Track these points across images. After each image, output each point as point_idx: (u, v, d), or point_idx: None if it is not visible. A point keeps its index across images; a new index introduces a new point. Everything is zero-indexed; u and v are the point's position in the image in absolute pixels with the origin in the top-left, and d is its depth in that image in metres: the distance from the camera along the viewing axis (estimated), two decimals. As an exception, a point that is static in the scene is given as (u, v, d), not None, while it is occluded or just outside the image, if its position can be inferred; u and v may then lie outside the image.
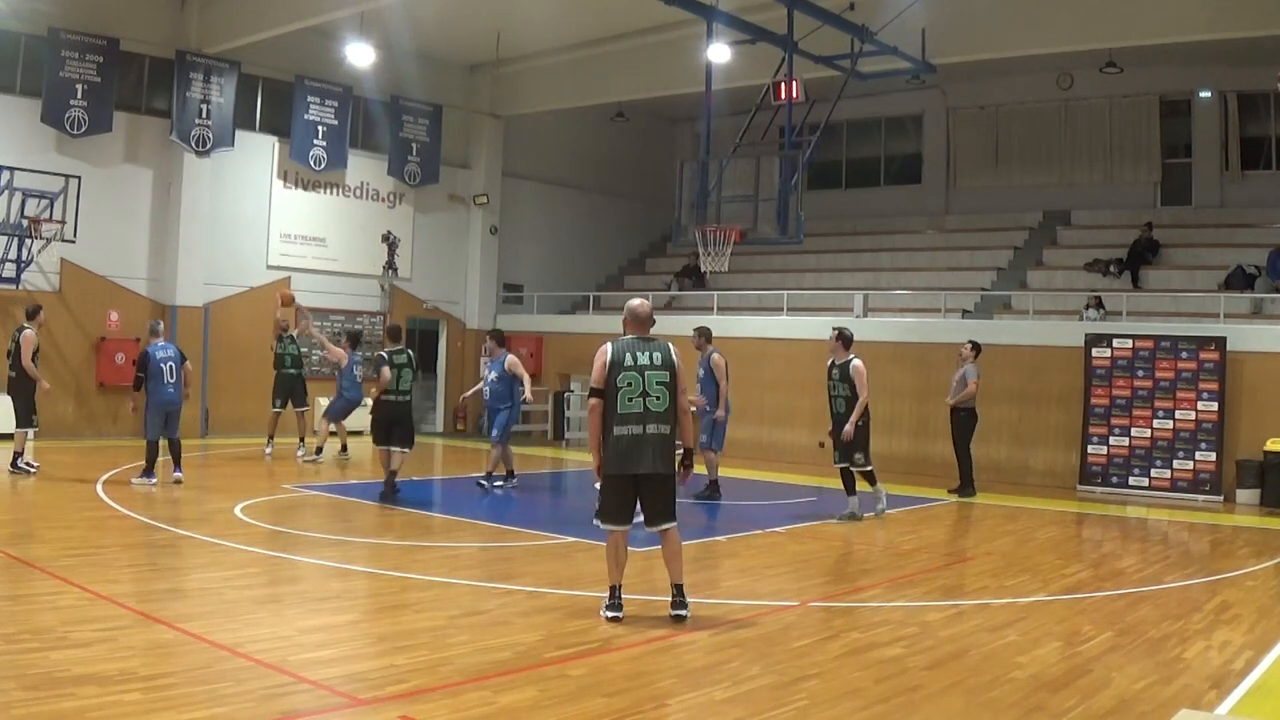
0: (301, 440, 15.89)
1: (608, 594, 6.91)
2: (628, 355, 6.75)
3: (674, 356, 6.84)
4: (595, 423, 6.82)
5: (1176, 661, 6.36)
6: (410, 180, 21.24)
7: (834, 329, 11.85)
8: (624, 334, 6.96)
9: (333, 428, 15.59)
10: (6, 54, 16.43)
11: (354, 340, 15.60)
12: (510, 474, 13.27)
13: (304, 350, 16.31)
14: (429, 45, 20.17)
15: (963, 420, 14.19)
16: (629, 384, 6.69)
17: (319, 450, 15.30)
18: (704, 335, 13.06)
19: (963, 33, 15.64)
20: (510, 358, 13.07)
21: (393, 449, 11.81)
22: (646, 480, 6.77)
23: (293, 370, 15.71)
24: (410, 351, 12.06)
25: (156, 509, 10.65)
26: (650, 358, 6.76)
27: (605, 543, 6.96)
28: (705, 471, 12.69)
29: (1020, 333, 16.49)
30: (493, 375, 13.03)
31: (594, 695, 5.41)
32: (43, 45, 16.43)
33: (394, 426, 11.78)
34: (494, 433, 13.10)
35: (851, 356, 11.51)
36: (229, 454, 15.74)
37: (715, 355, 12.79)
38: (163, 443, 12.22)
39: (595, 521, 6.93)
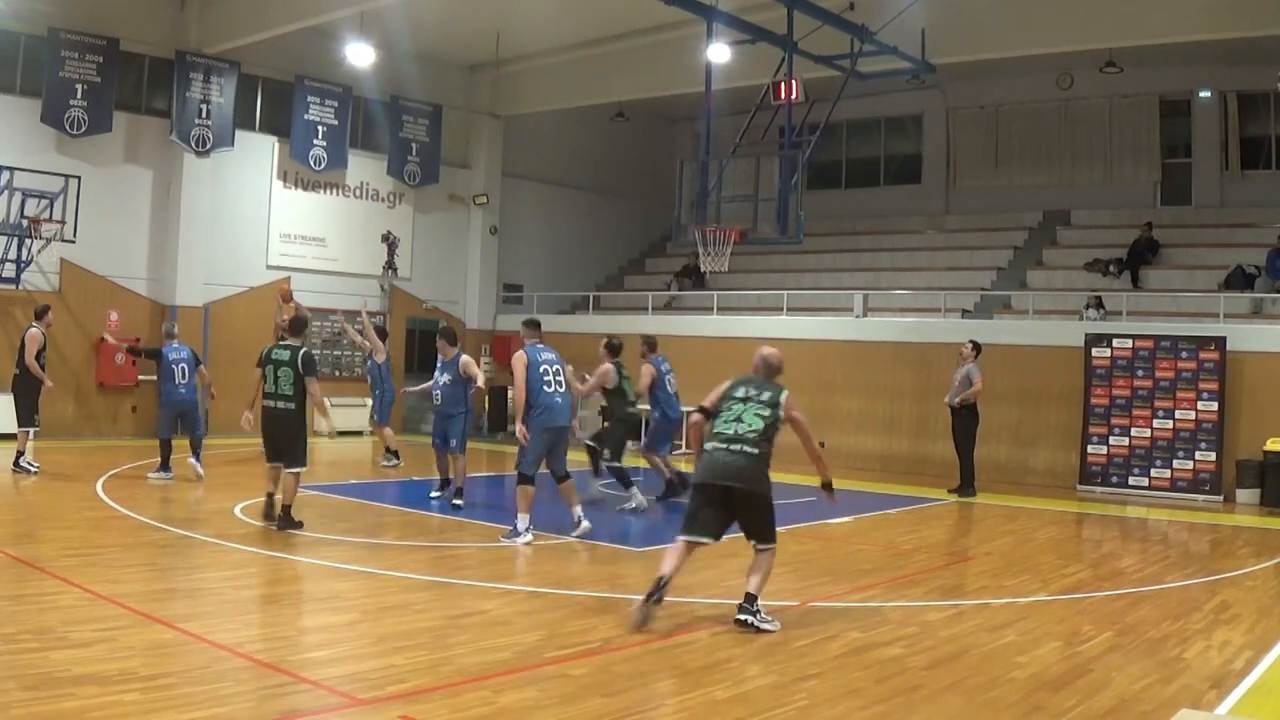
0: None
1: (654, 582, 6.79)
2: (740, 389, 7.17)
3: (782, 399, 7.11)
4: (694, 437, 7.22)
5: (1176, 661, 6.36)
6: (410, 180, 21.24)
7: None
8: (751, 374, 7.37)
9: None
10: (6, 54, 16.43)
11: (382, 336, 15.63)
12: (446, 481, 11.96)
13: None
14: (429, 45, 20.17)
15: (965, 420, 14.19)
16: (730, 409, 7.08)
17: (393, 453, 15.15)
18: (649, 344, 12.99)
19: (963, 33, 15.64)
20: (465, 358, 11.75)
21: (282, 468, 9.70)
22: (735, 495, 6.90)
23: None
24: (303, 349, 9.76)
25: (156, 509, 10.65)
26: (759, 394, 7.11)
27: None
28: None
29: (1020, 333, 16.50)
30: (445, 378, 11.60)
31: (594, 695, 5.41)
32: (43, 45, 16.43)
33: (276, 438, 9.77)
34: (453, 443, 11.66)
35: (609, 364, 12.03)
36: (229, 454, 15.73)
37: (645, 365, 12.77)
38: (178, 442, 12.60)
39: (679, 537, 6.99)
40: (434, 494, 12.06)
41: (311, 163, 19.58)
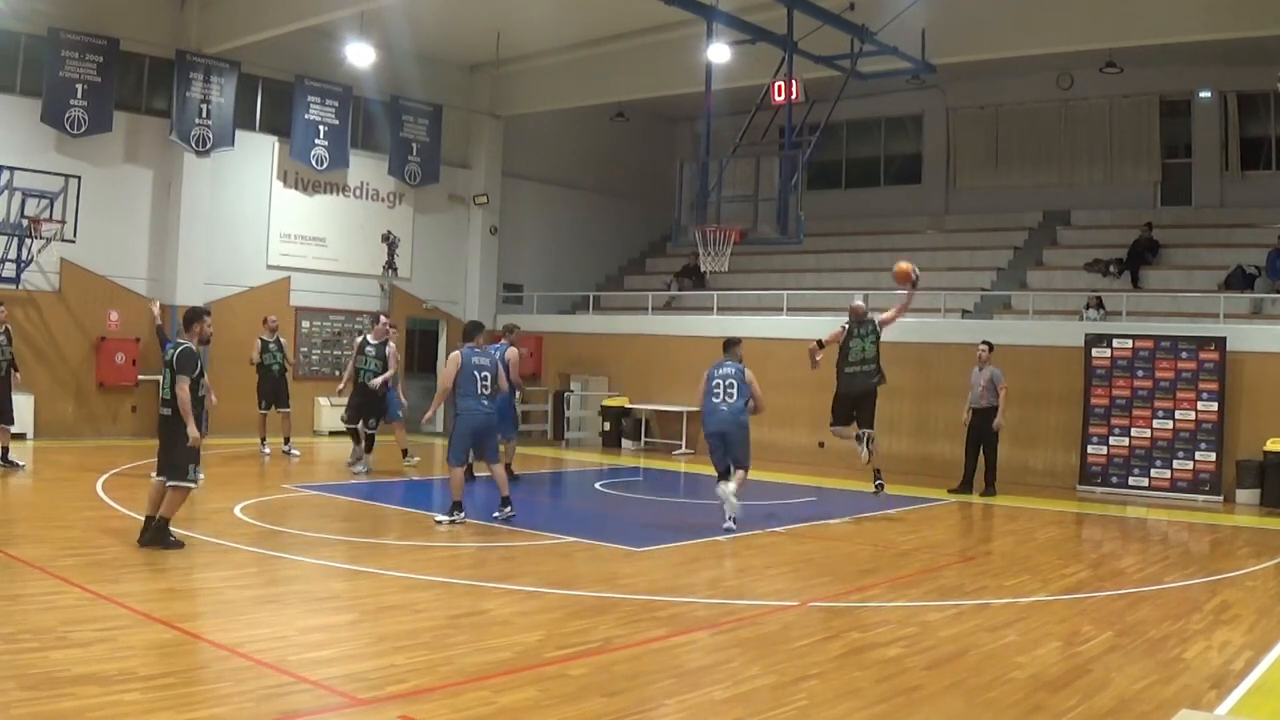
0: (287, 440, 15.89)
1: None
2: (854, 330, 11.86)
3: (877, 322, 11.85)
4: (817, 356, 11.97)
5: (1176, 662, 6.36)
6: (410, 180, 21.24)
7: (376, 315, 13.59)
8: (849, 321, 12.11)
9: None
10: (6, 54, 16.42)
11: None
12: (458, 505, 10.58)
13: (288, 356, 16.21)
14: (429, 45, 20.17)
15: (990, 420, 14.19)
16: (851, 346, 11.86)
17: (404, 452, 15.14)
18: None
19: (963, 33, 15.64)
20: (454, 355, 10.66)
21: (164, 482, 8.69)
22: (861, 397, 12.27)
23: (278, 375, 15.72)
24: (182, 346, 8.61)
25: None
26: (864, 331, 12.04)
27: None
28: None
29: (1020, 333, 16.49)
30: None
31: (594, 695, 5.41)
32: (43, 45, 16.43)
33: (160, 448, 8.85)
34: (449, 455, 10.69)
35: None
36: (227, 454, 15.73)
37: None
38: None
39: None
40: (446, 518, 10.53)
41: (313, 162, 19.58)
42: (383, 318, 15.40)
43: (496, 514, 10.55)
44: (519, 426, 14.52)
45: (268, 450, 15.60)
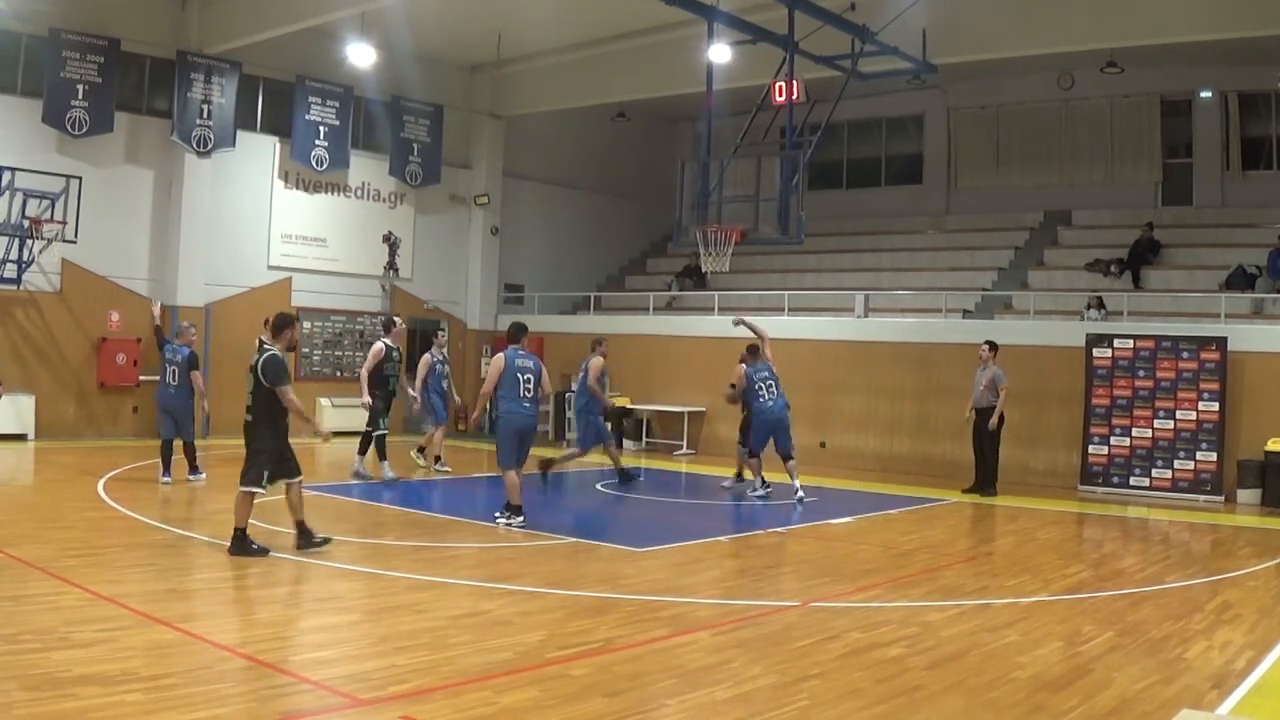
0: None
1: None
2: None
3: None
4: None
5: (1178, 661, 6.36)
6: (411, 180, 21.24)
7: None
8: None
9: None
10: (7, 54, 16.43)
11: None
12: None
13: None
14: (429, 46, 20.17)
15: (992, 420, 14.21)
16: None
17: (437, 459, 15.13)
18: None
19: (963, 33, 15.64)
20: (495, 355, 10.69)
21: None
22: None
23: None
24: (268, 353, 8.50)
25: (157, 509, 10.66)
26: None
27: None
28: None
29: (1021, 333, 16.48)
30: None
31: (595, 695, 5.41)
32: (44, 46, 16.43)
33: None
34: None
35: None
36: (229, 454, 15.71)
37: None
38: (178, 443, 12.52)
39: None
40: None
41: (313, 163, 19.59)
42: (396, 318, 15.29)
43: (498, 515, 10.58)
44: (600, 437, 14.16)
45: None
